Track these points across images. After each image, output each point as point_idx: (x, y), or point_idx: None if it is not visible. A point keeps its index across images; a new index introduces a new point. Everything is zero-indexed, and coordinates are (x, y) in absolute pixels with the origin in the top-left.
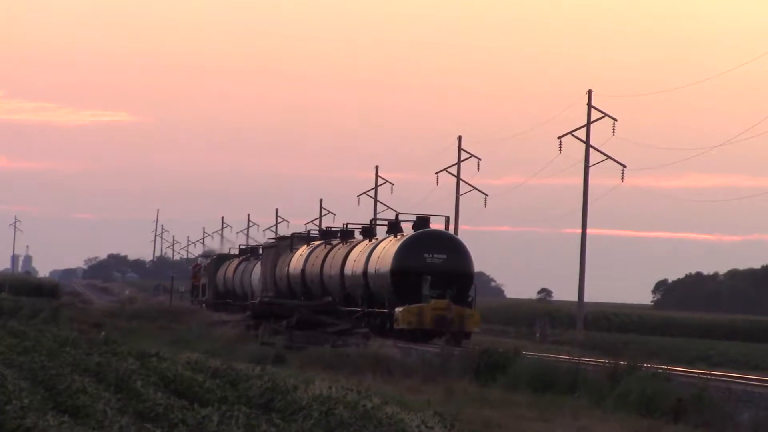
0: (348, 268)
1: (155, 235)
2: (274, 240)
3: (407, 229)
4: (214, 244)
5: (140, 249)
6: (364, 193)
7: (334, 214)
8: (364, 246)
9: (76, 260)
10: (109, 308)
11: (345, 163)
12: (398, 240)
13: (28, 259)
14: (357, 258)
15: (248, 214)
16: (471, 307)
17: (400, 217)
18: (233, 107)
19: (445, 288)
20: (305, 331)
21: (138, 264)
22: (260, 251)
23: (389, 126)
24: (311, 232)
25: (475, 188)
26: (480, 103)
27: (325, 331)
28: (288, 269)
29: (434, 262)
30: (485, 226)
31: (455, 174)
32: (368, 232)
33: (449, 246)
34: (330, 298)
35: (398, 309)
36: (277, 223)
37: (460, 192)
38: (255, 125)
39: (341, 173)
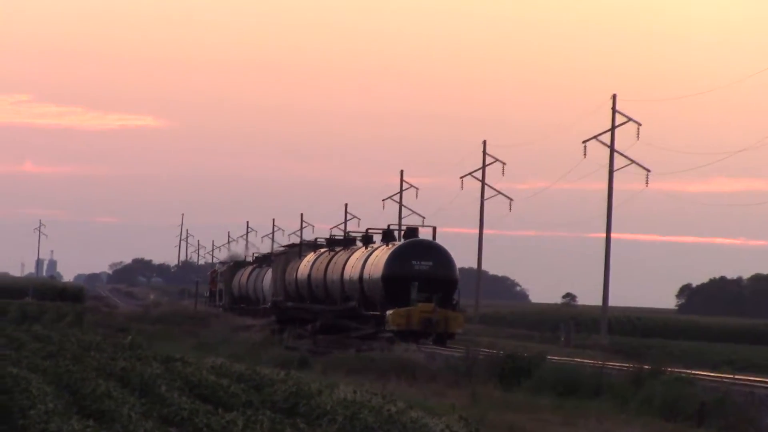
0: (347, 274)
1: (180, 240)
2: (284, 248)
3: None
4: (239, 249)
5: (165, 253)
6: (389, 197)
7: (359, 219)
8: (361, 253)
9: (100, 265)
10: (133, 313)
11: (370, 168)
12: (389, 248)
13: (52, 263)
14: (354, 264)
15: (273, 219)
16: (455, 310)
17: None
18: (258, 111)
19: (431, 292)
20: (329, 335)
21: (163, 268)
22: (272, 258)
23: (414, 131)
24: (318, 239)
25: (499, 192)
26: (505, 107)
27: (349, 335)
28: (296, 275)
29: (421, 268)
30: (510, 230)
31: (480, 178)
32: (366, 239)
33: (435, 254)
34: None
35: (389, 312)
36: (302, 228)
37: (485, 196)
38: (280, 129)
39: (366, 178)
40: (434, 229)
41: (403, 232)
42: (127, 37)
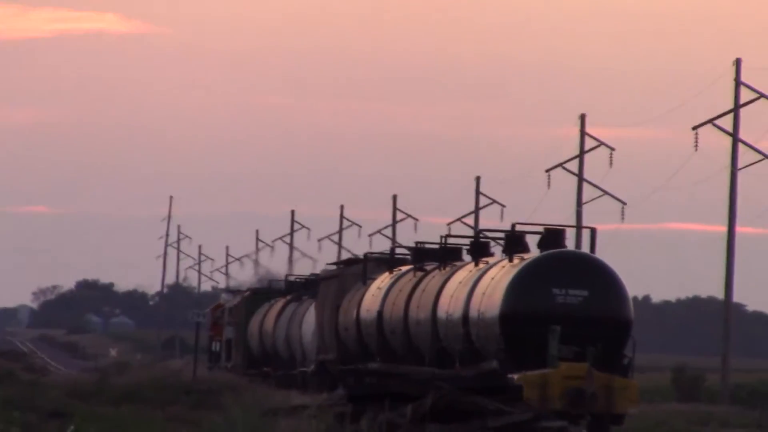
0: (442, 310)
1: (165, 246)
2: (336, 266)
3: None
4: (272, 265)
5: (138, 272)
6: (560, 165)
7: (503, 206)
8: (467, 273)
9: (17, 293)
10: (79, 382)
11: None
12: (514, 266)
13: None
14: (455, 293)
15: (341, 206)
16: (626, 375)
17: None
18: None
19: (584, 344)
20: (448, 424)
21: (132, 299)
22: (318, 285)
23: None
24: (395, 250)
25: None
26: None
27: (484, 424)
28: (358, 312)
29: (568, 302)
30: None
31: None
32: (476, 249)
33: (593, 277)
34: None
35: (511, 377)
36: (394, 222)
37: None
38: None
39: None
40: (593, 231)
41: (539, 238)
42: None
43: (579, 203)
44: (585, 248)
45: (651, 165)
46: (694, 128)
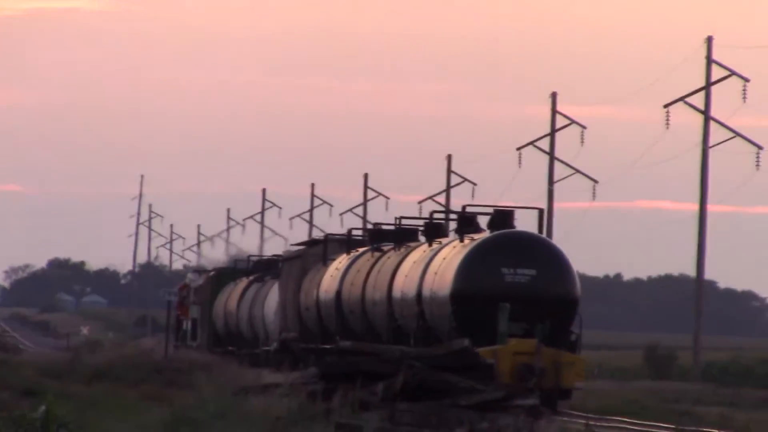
0: (397, 289)
1: (137, 223)
2: (299, 247)
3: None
4: (241, 242)
5: (109, 251)
6: (532, 143)
7: (474, 184)
8: (421, 254)
9: None
10: (51, 361)
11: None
12: (465, 246)
13: None
14: (409, 273)
15: (312, 184)
16: (574, 351)
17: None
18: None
19: (533, 321)
20: (419, 402)
21: (104, 278)
22: (280, 265)
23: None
24: (352, 231)
25: None
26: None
27: (456, 402)
28: (318, 293)
29: (517, 281)
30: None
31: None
32: (432, 230)
33: (541, 256)
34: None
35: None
36: (365, 201)
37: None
38: None
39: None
40: (541, 212)
41: (489, 219)
42: None
43: (550, 181)
44: (558, 229)
45: (622, 143)
46: (666, 106)
